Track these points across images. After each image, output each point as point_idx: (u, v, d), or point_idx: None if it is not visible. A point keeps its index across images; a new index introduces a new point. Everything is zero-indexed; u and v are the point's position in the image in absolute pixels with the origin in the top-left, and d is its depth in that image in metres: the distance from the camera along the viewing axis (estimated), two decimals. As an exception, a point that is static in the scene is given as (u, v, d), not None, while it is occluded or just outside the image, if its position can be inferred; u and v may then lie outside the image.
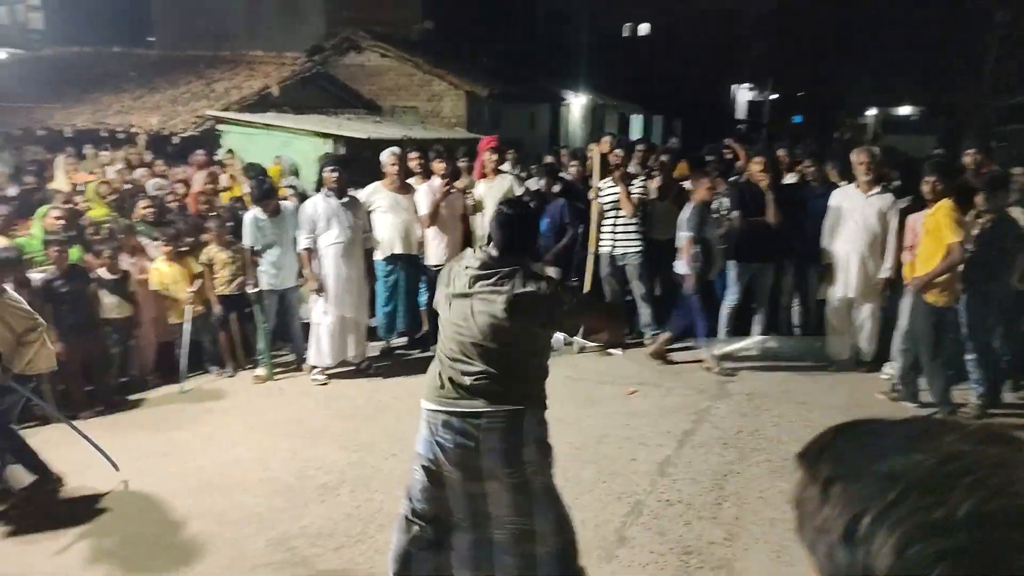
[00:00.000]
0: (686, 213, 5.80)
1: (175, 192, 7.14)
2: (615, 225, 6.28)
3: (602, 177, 6.32)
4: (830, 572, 0.56)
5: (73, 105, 11.17)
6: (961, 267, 4.75)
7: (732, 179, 6.80)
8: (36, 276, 5.13)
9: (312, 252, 5.69)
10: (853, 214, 5.61)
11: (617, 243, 6.29)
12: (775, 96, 35.01)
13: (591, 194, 6.34)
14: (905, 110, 29.02)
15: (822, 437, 0.63)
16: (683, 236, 5.77)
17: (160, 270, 5.79)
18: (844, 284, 5.73)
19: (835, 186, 6.02)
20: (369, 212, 6.17)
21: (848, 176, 5.94)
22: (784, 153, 7.53)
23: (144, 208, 6.26)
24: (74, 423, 4.50)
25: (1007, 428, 0.61)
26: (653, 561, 3.39)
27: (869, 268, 5.62)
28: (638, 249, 6.25)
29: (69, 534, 3.66)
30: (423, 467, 2.71)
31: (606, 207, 6.28)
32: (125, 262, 5.67)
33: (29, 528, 3.74)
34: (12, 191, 6.62)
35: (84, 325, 5.22)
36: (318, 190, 6.08)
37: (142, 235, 6.04)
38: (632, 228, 6.26)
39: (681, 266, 5.87)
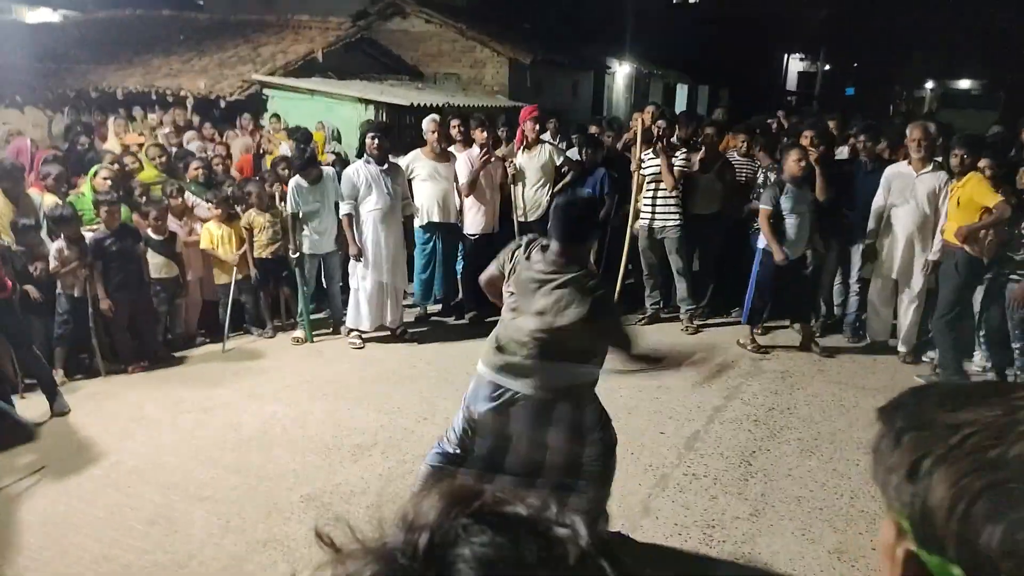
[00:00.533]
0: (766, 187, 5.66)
1: (219, 156, 7.29)
2: (655, 198, 6.22)
3: (644, 148, 6.25)
4: (898, 508, 0.64)
5: (125, 67, 11.41)
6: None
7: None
8: (88, 234, 5.32)
9: (353, 218, 5.77)
10: (904, 192, 5.45)
11: (656, 216, 6.23)
12: (827, 67, 33.87)
13: (633, 165, 6.27)
14: (964, 84, 27.84)
15: (901, 395, 0.70)
16: (761, 210, 5.53)
17: (211, 231, 5.97)
18: (890, 264, 5.61)
19: (888, 162, 5.86)
20: (409, 179, 6.22)
21: (900, 152, 5.77)
22: (835, 124, 7.32)
23: (196, 169, 6.43)
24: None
25: None
26: (677, 533, 3.42)
27: (917, 249, 5.48)
28: (677, 223, 6.18)
29: (112, 484, 3.85)
30: (464, 417, 2.97)
31: (647, 179, 6.22)
32: (173, 223, 5.84)
33: (72, 474, 3.94)
34: (65, 150, 6.84)
35: (133, 283, 5.41)
36: (359, 156, 6.13)
37: (196, 195, 6.20)
38: (672, 201, 6.19)
39: (760, 241, 5.67)
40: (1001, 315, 5.15)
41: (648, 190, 6.23)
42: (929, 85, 30.02)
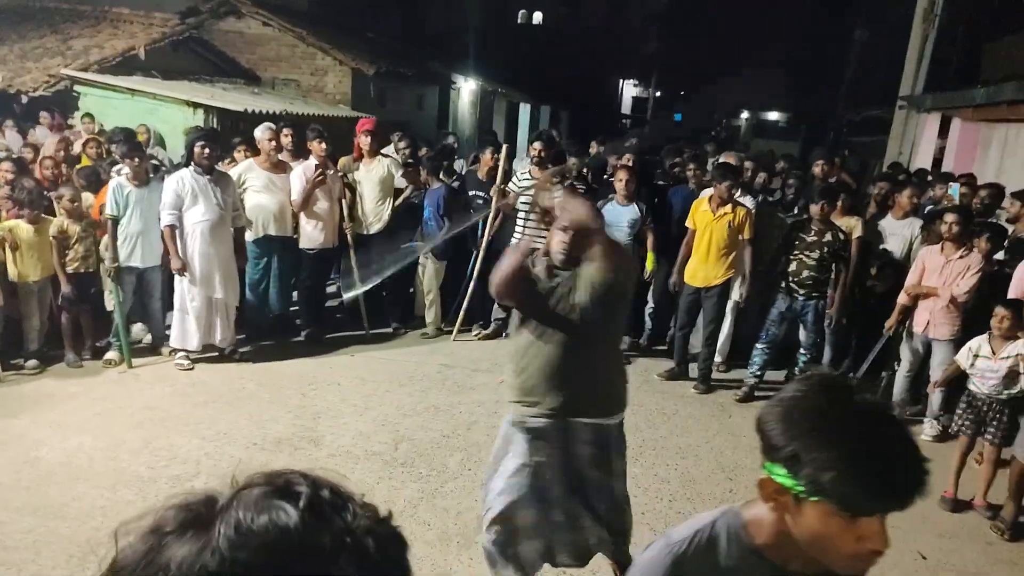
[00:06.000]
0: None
1: (22, 157, 6.53)
2: (527, 218, 6.19)
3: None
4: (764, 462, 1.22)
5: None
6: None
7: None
8: None
9: (176, 229, 5.38)
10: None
11: (526, 236, 6.28)
12: (658, 94, 36.44)
13: (493, 191, 6.26)
14: (773, 116, 31.02)
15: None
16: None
17: None
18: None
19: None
20: (241, 190, 5.90)
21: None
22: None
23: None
24: None
25: None
26: (510, 546, 3.49)
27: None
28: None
29: None
30: None
31: (521, 199, 6.21)
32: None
33: None
34: None
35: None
36: (186, 164, 5.72)
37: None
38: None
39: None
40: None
41: (521, 210, 6.22)
42: (744, 115, 33.12)
